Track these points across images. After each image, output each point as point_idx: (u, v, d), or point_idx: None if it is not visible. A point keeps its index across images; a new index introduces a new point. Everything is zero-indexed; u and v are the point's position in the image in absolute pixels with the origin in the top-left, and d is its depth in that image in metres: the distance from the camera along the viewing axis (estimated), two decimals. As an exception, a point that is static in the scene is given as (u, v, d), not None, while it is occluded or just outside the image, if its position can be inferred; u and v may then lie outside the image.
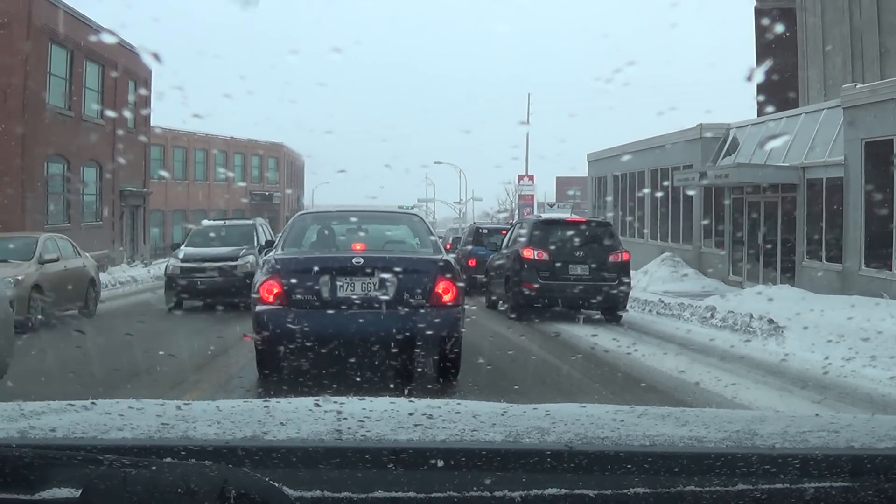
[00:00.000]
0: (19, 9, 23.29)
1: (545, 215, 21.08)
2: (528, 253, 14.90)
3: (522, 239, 15.49)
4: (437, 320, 7.51)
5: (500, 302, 16.46)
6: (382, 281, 7.52)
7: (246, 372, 8.59)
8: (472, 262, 19.97)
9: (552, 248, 15.01)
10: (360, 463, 1.52)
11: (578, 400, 2.49)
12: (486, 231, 22.87)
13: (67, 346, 10.72)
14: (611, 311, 15.00)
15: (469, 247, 22.02)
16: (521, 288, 14.80)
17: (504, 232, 19.76)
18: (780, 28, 26.59)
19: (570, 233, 15.50)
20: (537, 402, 2.24)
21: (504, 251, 16.59)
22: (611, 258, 15.01)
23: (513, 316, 15.01)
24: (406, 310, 7.50)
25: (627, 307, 16.16)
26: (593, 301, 14.91)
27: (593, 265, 14.84)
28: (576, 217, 19.42)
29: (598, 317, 15.24)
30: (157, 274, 29.18)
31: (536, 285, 14.69)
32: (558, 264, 14.83)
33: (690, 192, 24.01)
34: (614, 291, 14.79)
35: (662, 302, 16.48)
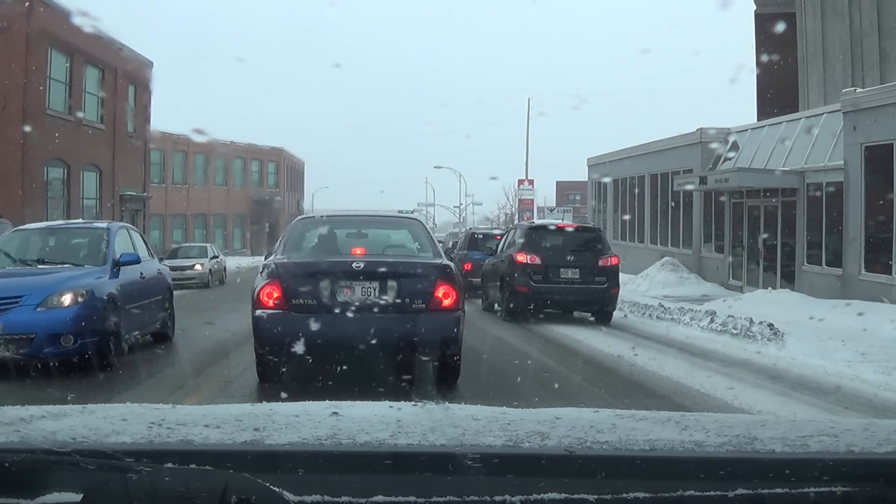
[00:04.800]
0: (19, 13, 23.32)
1: (538, 221, 21.63)
2: (522, 257, 15.43)
3: (516, 244, 16.02)
4: (437, 324, 7.50)
5: (496, 304, 16.85)
6: (382, 285, 7.52)
7: (246, 376, 8.58)
8: (467, 267, 20.36)
9: (544, 252, 15.60)
10: (360, 467, 1.52)
11: (578, 404, 2.49)
12: (481, 236, 23.30)
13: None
14: (601, 312, 15.49)
15: (465, 251, 22.38)
16: (515, 291, 15.33)
17: (498, 237, 20.15)
18: (780, 33, 26.62)
19: (561, 238, 16.09)
20: (537, 406, 2.25)
21: (499, 255, 17.11)
22: (600, 262, 15.51)
23: (507, 318, 15.41)
24: (406, 314, 7.49)
25: (625, 312, 16.41)
26: (584, 303, 15.56)
27: (584, 269, 15.36)
28: (567, 223, 20.04)
29: (591, 319, 15.54)
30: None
31: (529, 288, 15.20)
32: (550, 268, 15.38)
33: (689, 187, 24.02)
34: (604, 294, 15.33)
35: (662, 306, 16.48)
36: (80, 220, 16.75)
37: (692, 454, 1.62)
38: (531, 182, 49.78)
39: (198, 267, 26.62)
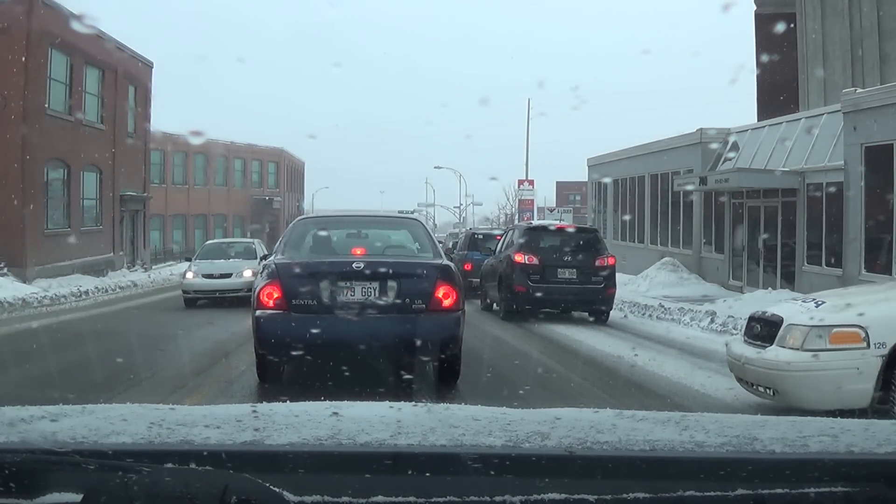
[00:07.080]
0: (19, 14, 23.32)
1: (535, 222, 21.79)
2: (520, 258, 15.62)
3: (514, 244, 16.19)
4: (437, 325, 7.50)
5: (494, 304, 16.98)
6: (383, 285, 7.51)
7: (246, 376, 8.58)
8: (467, 267, 20.44)
9: (542, 252, 15.82)
10: (361, 467, 1.52)
11: (578, 404, 2.48)
12: (481, 237, 23.37)
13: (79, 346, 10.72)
14: (597, 312, 15.68)
15: (465, 251, 22.45)
16: (513, 290, 15.51)
17: (498, 238, 20.27)
18: (780, 33, 26.61)
19: (558, 238, 16.32)
20: (537, 406, 2.24)
21: (498, 256, 17.28)
22: (597, 262, 15.71)
23: (506, 318, 15.54)
24: (406, 314, 7.48)
25: (625, 313, 16.45)
26: (581, 303, 15.74)
27: (581, 269, 15.54)
28: (564, 224, 20.24)
29: (591, 319, 15.64)
30: (157, 279, 29.26)
31: (527, 288, 15.37)
32: (547, 268, 15.59)
33: (689, 188, 24.02)
34: (601, 294, 15.52)
35: (662, 306, 16.49)
36: None
37: (692, 454, 1.62)
38: (531, 182, 49.77)
39: None
